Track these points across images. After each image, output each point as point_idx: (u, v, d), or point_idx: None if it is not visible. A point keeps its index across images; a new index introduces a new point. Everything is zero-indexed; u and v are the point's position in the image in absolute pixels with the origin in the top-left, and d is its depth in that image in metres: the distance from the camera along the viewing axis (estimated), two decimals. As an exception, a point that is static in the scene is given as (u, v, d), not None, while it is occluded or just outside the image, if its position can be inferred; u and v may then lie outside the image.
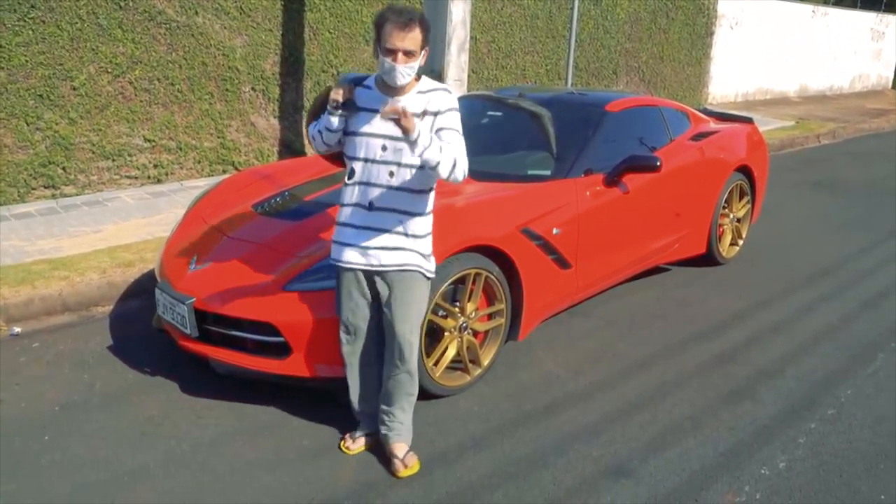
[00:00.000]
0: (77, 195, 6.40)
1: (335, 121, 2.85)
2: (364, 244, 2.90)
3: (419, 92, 2.86)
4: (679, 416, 3.51)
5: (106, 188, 6.60)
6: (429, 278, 3.00)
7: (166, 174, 6.97)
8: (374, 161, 2.85)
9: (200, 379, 3.62)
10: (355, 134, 2.87)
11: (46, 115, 6.12)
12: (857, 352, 4.27)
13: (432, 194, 2.98)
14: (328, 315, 3.23)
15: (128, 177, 6.73)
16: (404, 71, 2.74)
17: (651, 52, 12.78)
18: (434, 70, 6.61)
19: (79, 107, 6.28)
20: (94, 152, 6.45)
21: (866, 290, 5.28)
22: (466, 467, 3.04)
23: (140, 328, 4.21)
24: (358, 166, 2.88)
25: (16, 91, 5.91)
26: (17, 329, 4.19)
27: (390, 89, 2.83)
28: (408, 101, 2.81)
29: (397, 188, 2.85)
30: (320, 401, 3.49)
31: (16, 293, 4.32)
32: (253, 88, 7.46)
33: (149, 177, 6.86)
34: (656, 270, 5.33)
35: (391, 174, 2.84)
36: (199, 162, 7.20)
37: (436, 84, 2.93)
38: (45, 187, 6.24)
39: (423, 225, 2.95)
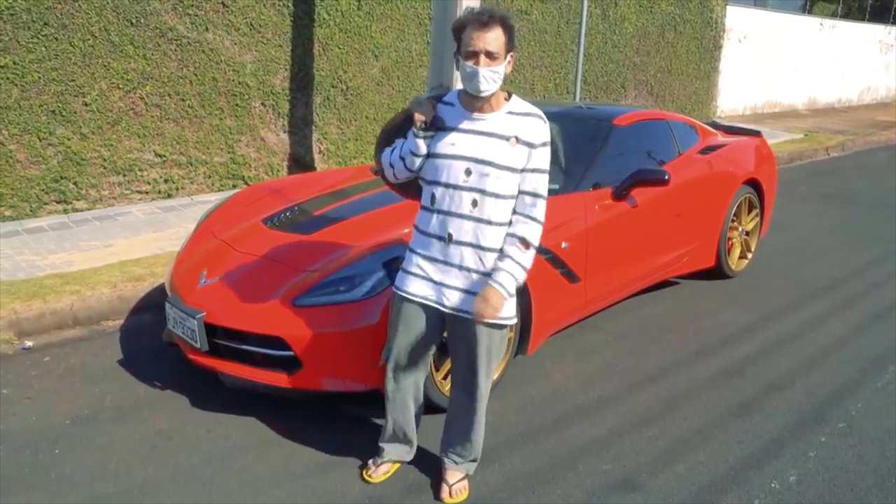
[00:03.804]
0: (88, 210, 6.46)
1: (422, 144, 2.59)
2: (438, 279, 2.66)
3: (510, 112, 2.59)
4: (688, 430, 3.50)
5: (117, 203, 6.65)
6: (505, 326, 2.72)
7: (177, 189, 7.02)
8: (455, 187, 2.56)
9: (210, 393, 3.63)
10: (436, 156, 2.59)
11: (59, 130, 6.18)
12: (867, 365, 4.25)
13: None
14: (337, 329, 3.26)
15: (138, 192, 6.79)
16: (487, 74, 2.45)
17: (659, 66, 12.80)
18: (443, 84, 6.64)
19: (90, 122, 6.35)
20: (105, 167, 6.50)
21: (876, 303, 5.26)
22: (476, 481, 3.03)
23: (150, 342, 4.23)
24: (438, 192, 2.60)
25: (29, 107, 5.98)
26: (29, 343, 4.22)
27: (474, 101, 2.57)
28: (496, 121, 2.57)
29: (480, 220, 2.57)
30: (329, 415, 3.50)
31: (27, 307, 4.35)
32: (263, 104, 7.51)
33: (159, 192, 6.91)
34: (665, 284, 5.33)
35: (474, 203, 2.55)
36: (210, 177, 7.25)
37: (529, 108, 2.62)
38: (57, 202, 6.30)
39: None
